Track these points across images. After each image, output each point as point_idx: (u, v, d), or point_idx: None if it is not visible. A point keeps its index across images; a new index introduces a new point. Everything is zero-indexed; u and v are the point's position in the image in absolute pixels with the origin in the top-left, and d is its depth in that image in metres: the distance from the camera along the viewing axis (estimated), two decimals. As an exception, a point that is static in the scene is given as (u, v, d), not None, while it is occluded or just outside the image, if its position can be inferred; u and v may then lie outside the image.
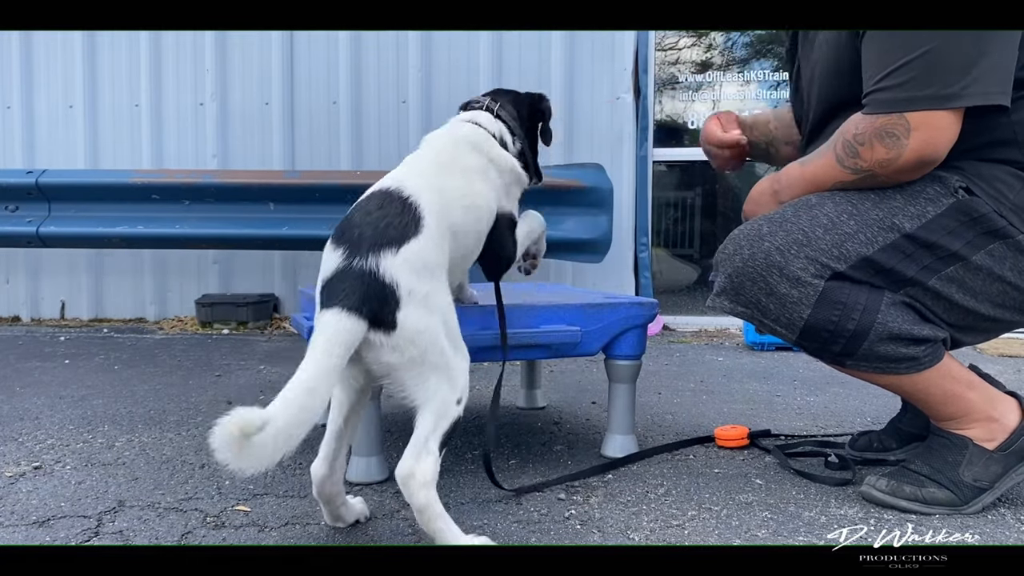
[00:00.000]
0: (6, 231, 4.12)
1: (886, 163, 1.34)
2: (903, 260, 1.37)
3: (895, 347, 1.37)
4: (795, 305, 1.38)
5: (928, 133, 1.30)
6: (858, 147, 1.36)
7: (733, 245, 1.45)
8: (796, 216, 1.41)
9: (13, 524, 1.37)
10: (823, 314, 1.37)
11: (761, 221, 1.44)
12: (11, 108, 4.59)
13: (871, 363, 1.39)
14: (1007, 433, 1.41)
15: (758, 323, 1.45)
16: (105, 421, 2.12)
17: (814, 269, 1.37)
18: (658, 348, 3.56)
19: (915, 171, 1.35)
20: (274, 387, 2.60)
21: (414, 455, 1.20)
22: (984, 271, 1.37)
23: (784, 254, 1.38)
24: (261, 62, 4.44)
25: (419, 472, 1.18)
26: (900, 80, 1.30)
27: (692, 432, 2.00)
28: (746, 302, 1.43)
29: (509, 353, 1.63)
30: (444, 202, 1.33)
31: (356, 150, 4.39)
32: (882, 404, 2.30)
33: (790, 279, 1.38)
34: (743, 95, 4.36)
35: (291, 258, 4.45)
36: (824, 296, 1.37)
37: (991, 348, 3.50)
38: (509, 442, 1.90)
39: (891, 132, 1.32)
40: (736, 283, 1.43)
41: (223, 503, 1.47)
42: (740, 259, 1.42)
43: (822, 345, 1.41)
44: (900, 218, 1.37)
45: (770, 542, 1.30)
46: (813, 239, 1.38)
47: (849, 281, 1.37)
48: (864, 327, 1.36)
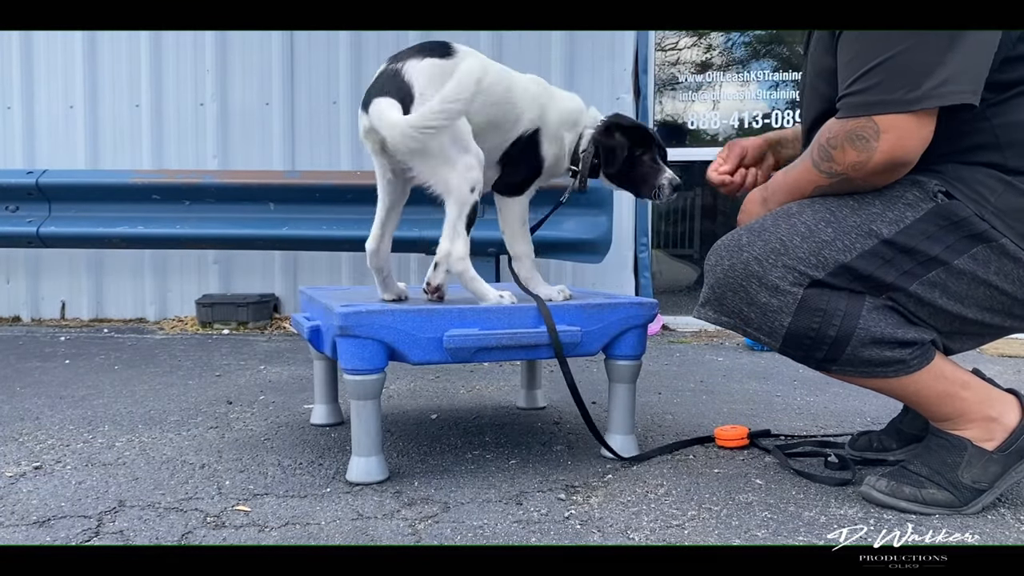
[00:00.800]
0: (6, 231, 4.12)
1: (858, 166, 1.35)
2: (882, 266, 1.37)
3: (879, 351, 1.37)
4: (776, 313, 1.40)
5: (897, 135, 1.31)
6: (831, 151, 1.37)
7: (715, 256, 1.47)
8: (775, 225, 1.42)
9: (13, 524, 1.37)
10: (803, 321, 1.38)
11: (742, 231, 1.46)
12: (11, 108, 4.59)
13: (856, 368, 1.40)
14: (1007, 432, 1.41)
15: (743, 332, 1.47)
16: (105, 421, 2.12)
17: (792, 277, 1.38)
18: (658, 348, 3.56)
19: (887, 173, 1.35)
20: (274, 387, 2.60)
21: (449, 238, 1.59)
22: (968, 275, 1.37)
23: (763, 263, 1.40)
24: (261, 62, 4.44)
25: (455, 250, 1.60)
26: (869, 84, 1.31)
27: (692, 432, 2.00)
28: (729, 312, 1.46)
29: (509, 353, 1.63)
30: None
31: (356, 150, 4.39)
32: (882, 404, 2.30)
33: (769, 288, 1.39)
34: (743, 95, 4.36)
35: (291, 258, 4.45)
36: (803, 304, 1.38)
37: (991, 348, 3.50)
38: (509, 442, 1.90)
39: (861, 135, 1.32)
40: (718, 293, 1.46)
41: (223, 503, 1.48)
42: (721, 270, 1.45)
43: (806, 352, 1.42)
44: (878, 224, 1.37)
45: (770, 542, 1.30)
46: (791, 247, 1.39)
47: (828, 288, 1.38)
48: (846, 333, 1.37)
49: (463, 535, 1.31)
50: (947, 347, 1.47)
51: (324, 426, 2.07)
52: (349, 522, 1.38)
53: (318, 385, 2.08)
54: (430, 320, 1.56)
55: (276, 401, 2.39)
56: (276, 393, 2.51)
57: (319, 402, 2.09)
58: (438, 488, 1.56)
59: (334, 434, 1.99)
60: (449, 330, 1.56)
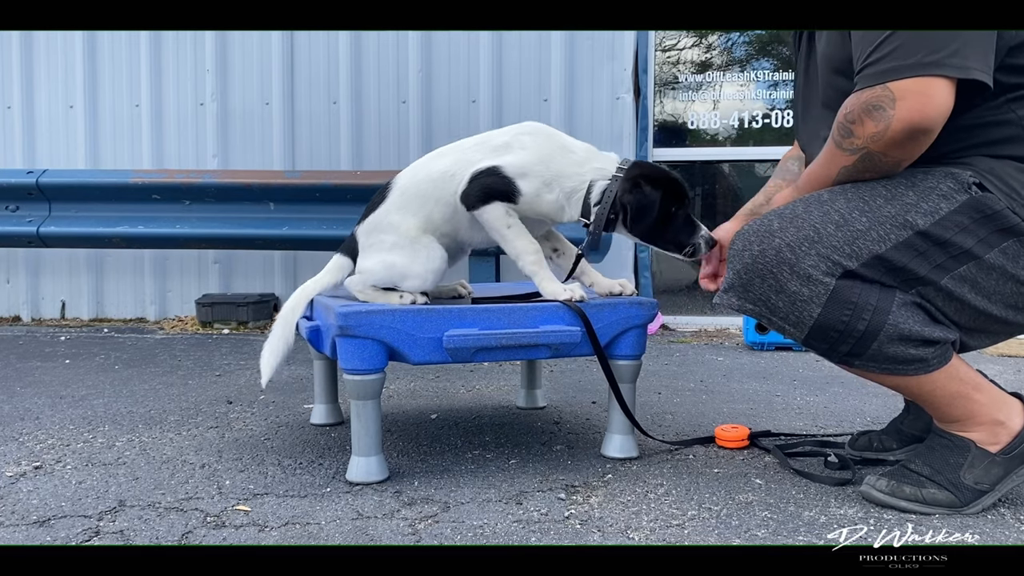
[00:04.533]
0: (6, 231, 4.12)
1: (877, 137, 1.31)
2: (916, 258, 1.34)
3: (904, 348, 1.35)
4: (805, 303, 1.36)
5: (913, 101, 1.27)
6: (850, 125, 1.34)
7: (742, 241, 1.42)
8: (807, 212, 1.38)
9: (13, 524, 1.37)
10: (834, 314, 1.35)
11: (772, 216, 1.41)
12: (11, 108, 4.59)
13: (880, 364, 1.38)
14: (1011, 436, 1.40)
15: (767, 321, 1.43)
16: (105, 421, 2.12)
17: (826, 267, 1.35)
18: (658, 348, 3.56)
19: (907, 143, 1.31)
20: (274, 387, 2.60)
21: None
22: (997, 270, 1.35)
23: (795, 251, 1.35)
24: (261, 62, 4.44)
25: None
26: (885, 51, 1.29)
27: (692, 432, 2.00)
28: (755, 299, 1.41)
29: (509, 353, 1.63)
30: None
31: (356, 150, 4.39)
32: (882, 404, 2.30)
33: (801, 276, 1.35)
34: (743, 95, 4.36)
35: (291, 258, 4.45)
36: (835, 295, 1.34)
37: (991, 348, 3.50)
38: (509, 442, 1.90)
39: (877, 104, 1.30)
40: (745, 280, 1.41)
41: (223, 503, 1.48)
42: (750, 255, 1.40)
43: (831, 345, 1.39)
44: (913, 214, 1.34)
45: (770, 542, 1.30)
46: (825, 236, 1.35)
47: (860, 280, 1.35)
48: (875, 328, 1.34)
49: (463, 535, 1.32)
50: (964, 343, 1.45)
51: (324, 426, 2.07)
52: (349, 522, 1.38)
53: (318, 385, 2.08)
54: (430, 320, 1.56)
55: (276, 401, 2.39)
56: (276, 393, 2.51)
57: (319, 402, 2.09)
58: (438, 488, 1.56)
59: (334, 434, 1.99)
60: (449, 330, 1.56)
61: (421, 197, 1.68)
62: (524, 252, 1.64)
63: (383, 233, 1.69)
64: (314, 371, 2.08)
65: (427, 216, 1.67)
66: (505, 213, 1.63)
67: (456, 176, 1.65)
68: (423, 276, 1.66)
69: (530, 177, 1.62)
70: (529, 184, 1.62)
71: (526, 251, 1.64)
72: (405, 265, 1.65)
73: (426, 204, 1.67)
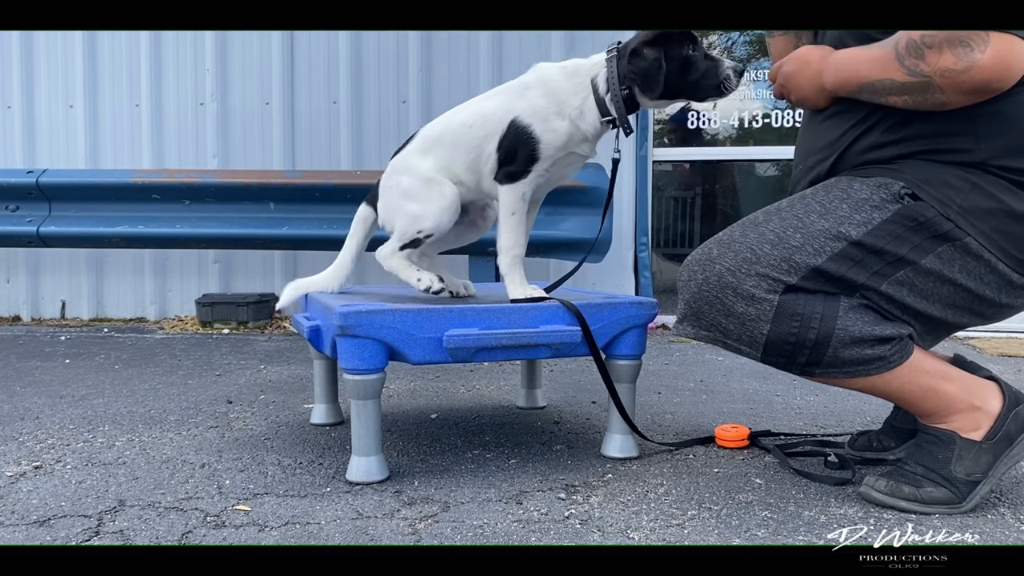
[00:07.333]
0: (6, 231, 4.12)
1: (950, 73, 1.27)
2: (853, 267, 1.38)
3: (860, 350, 1.38)
4: (754, 322, 1.40)
5: (1006, 53, 1.24)
6: (925, 49, 1.28)
7: (687, 272, 1.48)
8: (744, 236, 1.43)
9: (13, 524, 1.37)
10: (782, 328, 1.38)
11: (711, 245, 1.46)
12: (11, 108, 4.59)
13: (840, 368, 1.40)
14: (992, 420, 1.41)
15: (723, 345, 1.47)
16: (105, 421, 2.13)
17: (767, 285, 1.39)
18: (658, 348, 3.56)
19: (975, 92, 1.28)
20: (274, 387, 2.60)
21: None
22: (934, 274, 1.38)
23: (735, 274, 1.40)
24: (261, 62, 4.44)
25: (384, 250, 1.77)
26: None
27: (692, 432, 2.00)
28: (707, 325, 1.46)
29: (509, 353, 1.63)
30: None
31: (356, 150, 4.39)
32: (881, 404, 2.29)
33: (745, 297, 1.40)
34: (743, 95, 4.36)
35: (291, 258, 4.45)
36: (780, 310, 1.38)
37: (991, 348, 3.50)
38: (509, 442, 1.90)
39: (965, 42, 1.25)
40: (695, 308, 1.46)
41: (223, 503, 1.48)
42: (695, 284, 1.45)
43: (788, 359, 1.42)
44: (846, 226, 1.38)
45: (770, 542, 1.30)
46: (762, 256, 1.40)
47: (803, 292, 1.38)
48: (825, 335, 1.37)
49: (463, 535, 1.32)
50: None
51: (324, 426, 2.07)
52: (349, 522, 1.38)
53: (318, 385, 2.08)
54: (430, 320, 1.56)
55: (276, 401, 2.39)
56: (276, 393, 2.51)
57: (319, 402, 2.09)
58: (438, 488, 1.56)
59: (334, 434, 1.99)
60: (449, 330, 1.56)
61: (442, 143, 1.75)
62: (507, 249, 1.71)
63: (399, 175, 1.77)
64: (314, 371, 2.08)
65: (447, 160, 1.74)
66: (521, 197, 1.69)
67: (475, 127, 1.72)
68: (436, 216, 1.71)
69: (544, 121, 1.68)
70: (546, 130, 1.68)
71: (509, 248, 1.71)
72: (419, 208, 1.72)
73: (445, 149, 1.74)
